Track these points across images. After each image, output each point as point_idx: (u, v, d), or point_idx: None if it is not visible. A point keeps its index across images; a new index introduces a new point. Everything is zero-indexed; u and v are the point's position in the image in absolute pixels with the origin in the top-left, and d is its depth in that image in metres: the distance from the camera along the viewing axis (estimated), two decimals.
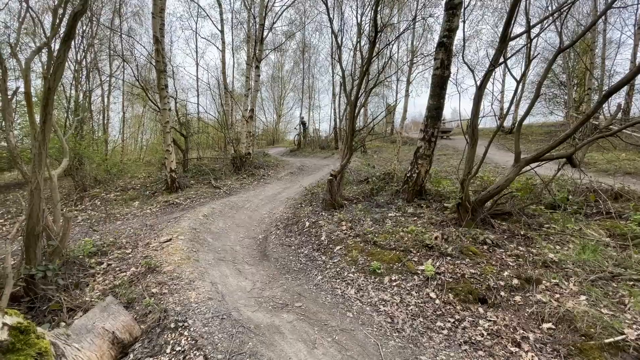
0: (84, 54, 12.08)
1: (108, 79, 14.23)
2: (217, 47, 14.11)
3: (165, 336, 2.49)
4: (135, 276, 3.47)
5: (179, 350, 2.35)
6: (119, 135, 16.95)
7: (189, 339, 2.42)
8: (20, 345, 0.60)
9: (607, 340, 2.23)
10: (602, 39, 13.26)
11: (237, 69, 19.37)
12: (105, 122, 14.61)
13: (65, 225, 3.37)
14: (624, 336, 2.23)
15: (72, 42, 4.03)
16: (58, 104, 10.95)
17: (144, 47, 19.04)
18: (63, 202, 7.61)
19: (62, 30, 3.59)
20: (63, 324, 2.27)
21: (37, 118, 3.51)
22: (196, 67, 18.21)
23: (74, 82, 12.05)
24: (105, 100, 14.61)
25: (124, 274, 3.58)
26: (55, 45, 4.25)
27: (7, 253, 2.88)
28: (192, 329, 2.51)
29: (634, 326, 2.32)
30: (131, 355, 2.45)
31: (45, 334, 0.71)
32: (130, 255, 4.10)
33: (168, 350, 2.36)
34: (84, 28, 11.72)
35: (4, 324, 0.60)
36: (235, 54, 19.17)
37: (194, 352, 2.29)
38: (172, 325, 2.58)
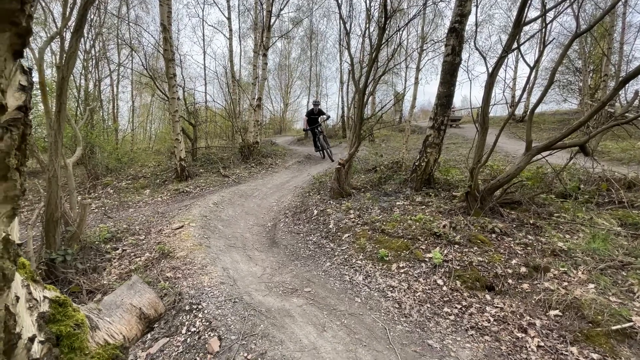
0: (92, 43, 12.13)
1: (117, 68, 14.31)
2: (225, 35, 14.03)
3: (181, 318, 2.60)
4: (149, 261, 3.59)
5: (194, 331, 2.45)
6: (128, 124, 17.13)
7: (203, 320, 2.52)
8: (60, 316, 0.65)
9: (614, 327, 2.25)
10: (621, 22, 12.76)
11: (244, 57, 19.24)
12: (115, 111, 14.78)
13: (82, 212, 3.48)
14: (631, 323, 2.24)
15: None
16: (69, 94, 11.09)
17: (152, 35, 19.04)
18: (77, 190, 7.81)
19: (73, 19, 3.62)
20: (84, 303, 2.38)
21: (52, 107, 3.59)
22: (203, 55, 18.17)
23: (83, 72, 12.15)
24: (115, 89, 14.74)
25: (139, 259, 3.70)
26: (67, 35, 4.29)
27: (29, 238, 3.01)
28: (206, 312, 2.61)
29: None
30: (148, 336, 2.57)
31: (80, 308, 0.76)
32: (144, 242, 4.22)
33: (184, 331, 2.47)
34: (92, 17, 11.73)
35: (45, 297, 0.65)
36: (242, 41, 19.03)
37: (209, 332, 2.38)
38: (187, 308, 2.68)
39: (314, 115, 10.25)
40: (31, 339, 0.54)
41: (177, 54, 11.94)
